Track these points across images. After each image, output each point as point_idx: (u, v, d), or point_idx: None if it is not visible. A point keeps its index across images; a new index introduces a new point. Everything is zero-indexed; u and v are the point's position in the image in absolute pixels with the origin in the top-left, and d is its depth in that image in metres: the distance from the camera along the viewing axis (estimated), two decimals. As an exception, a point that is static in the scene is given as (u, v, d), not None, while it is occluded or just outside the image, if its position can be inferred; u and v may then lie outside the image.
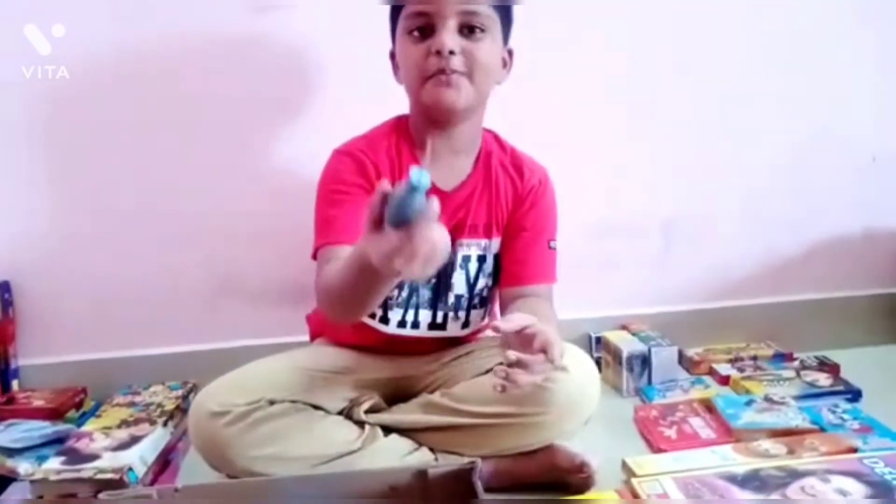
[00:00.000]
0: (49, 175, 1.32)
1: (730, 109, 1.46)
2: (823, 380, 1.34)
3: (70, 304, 1.35)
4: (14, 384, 1.33)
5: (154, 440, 1.11)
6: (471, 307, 1.12)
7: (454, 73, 1.00)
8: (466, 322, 1.13)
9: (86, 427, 1.16)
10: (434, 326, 1.11)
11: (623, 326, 1.47)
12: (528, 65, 1.14)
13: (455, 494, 0.84)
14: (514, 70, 1.11)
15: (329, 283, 0.92)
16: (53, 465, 1.03)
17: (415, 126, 1.09)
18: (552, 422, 0.99)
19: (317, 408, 1.03)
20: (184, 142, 1.32)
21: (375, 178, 1.03)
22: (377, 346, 1.12)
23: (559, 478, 1.01)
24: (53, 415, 1.23)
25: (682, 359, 1.46)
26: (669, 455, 1.06)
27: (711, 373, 1.43)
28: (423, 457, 1.02)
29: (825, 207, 1.53)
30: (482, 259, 1.11)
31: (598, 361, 1.37)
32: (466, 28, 1.01)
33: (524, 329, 0.85)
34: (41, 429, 1.15)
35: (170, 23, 1.28)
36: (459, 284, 1.11)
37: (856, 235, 1.55)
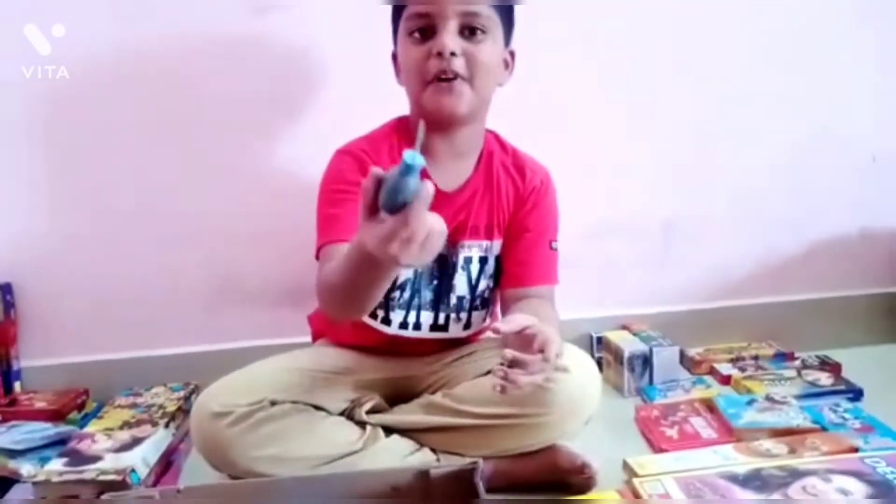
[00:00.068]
0: (49, 175, 1.32)
1: (730, 109, 1.46)
2: (825, 379, 1.34)
3: (71, 305, 1.35)
4: (16, 386, 1.33)
5: (156, 441, 1.11)
6: (472, 308, 1.12)
7: (455, 79, 1.00)
8: (468, 323, 1.13)
9: (88, 428, 1.16)
10: (436, 328, 1.11)
11: (624, 326, 1.47)
12: (529, 65, 1.13)
13: (456, 495, 0.84)
14: (515, 70, 1.11)
15: (329, 280, 0.91)
16: (56, 467, 1.03)
17: (415, 127, 1.09)
18: (553, 422, 0.99)
19: (318, 408, 1.02)
20: (184, 142, 1.32)
21: None
22: (379, 347, 1.12)
23: (560, 478, 1.01)
24: (56, 416, 1.23)
25: (684, 359, 1.47)
26: (671, 455, 1.06)
27: (712, 372, 1.43)
28: (425, 457, 1.02)
29: (825, 207, 1.53)
30: (484, 260, 1.11)
31: (599, 361, 1.37)
32: (467, 29, 1.01)
33: (524, 330, 0.85)
34: (43, 430, 1.15)
35: (170, 23, 1.27)
36: (461, 286, 1.11)
37: (856, 235, 1.55)
